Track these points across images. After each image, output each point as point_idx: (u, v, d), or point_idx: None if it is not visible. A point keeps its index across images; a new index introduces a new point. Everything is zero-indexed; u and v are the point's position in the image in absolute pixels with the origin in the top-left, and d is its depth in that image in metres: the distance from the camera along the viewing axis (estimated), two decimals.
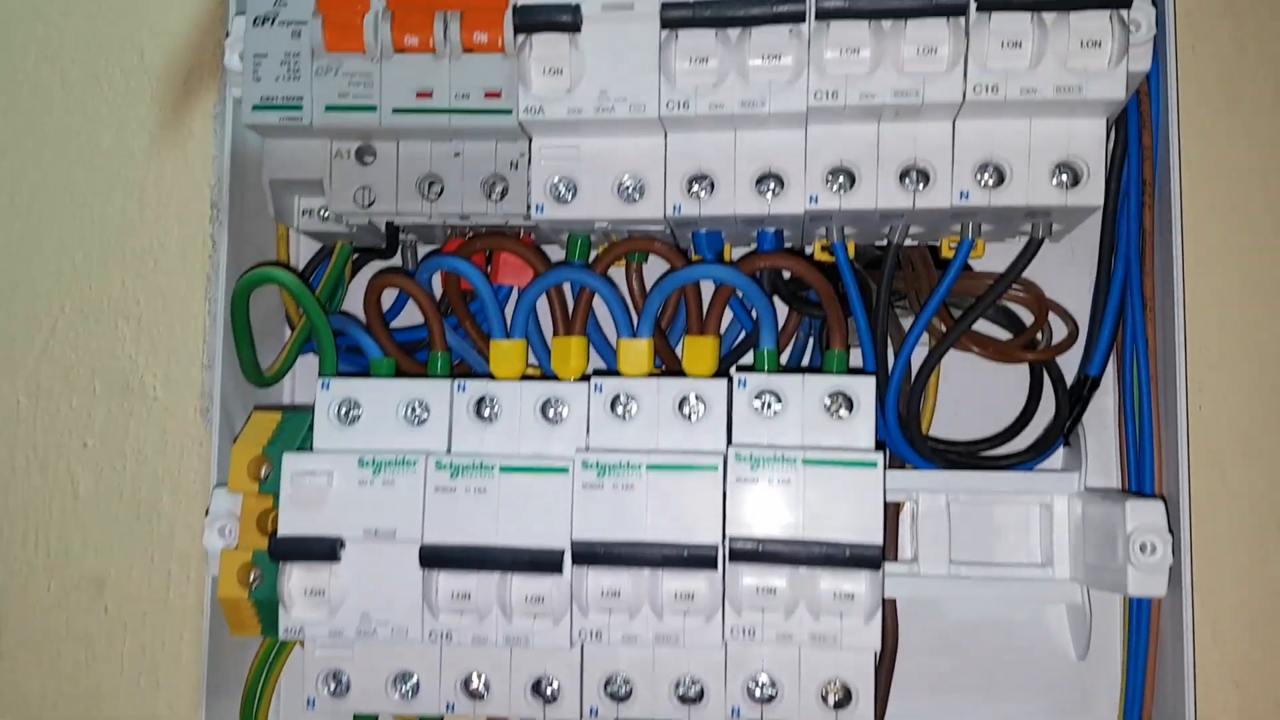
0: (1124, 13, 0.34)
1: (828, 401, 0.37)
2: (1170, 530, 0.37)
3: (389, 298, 0.44)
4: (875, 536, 0.35)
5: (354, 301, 0.46)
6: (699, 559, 0.35)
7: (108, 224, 0.49)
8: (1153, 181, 0.39)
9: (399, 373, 0.41)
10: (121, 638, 0.46)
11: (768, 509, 0.36)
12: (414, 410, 0.38)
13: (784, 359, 0.42)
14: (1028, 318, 0.43)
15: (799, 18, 0.35)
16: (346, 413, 0.38)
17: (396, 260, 0.45)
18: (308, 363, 0.44)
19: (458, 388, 0.38)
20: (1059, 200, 0.36)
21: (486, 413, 0.38)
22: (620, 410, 0.37)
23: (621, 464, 0.36)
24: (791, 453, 0.36)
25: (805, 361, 0.43)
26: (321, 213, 0.42)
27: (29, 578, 0.47)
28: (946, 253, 0.40)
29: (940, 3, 0.34)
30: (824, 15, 0.35)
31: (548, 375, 0.40)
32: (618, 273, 0.43)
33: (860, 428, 0.37)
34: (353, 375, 0.40)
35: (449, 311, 0.43)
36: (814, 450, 0.36)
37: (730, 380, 0.37)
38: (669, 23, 0.36)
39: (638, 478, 0.36)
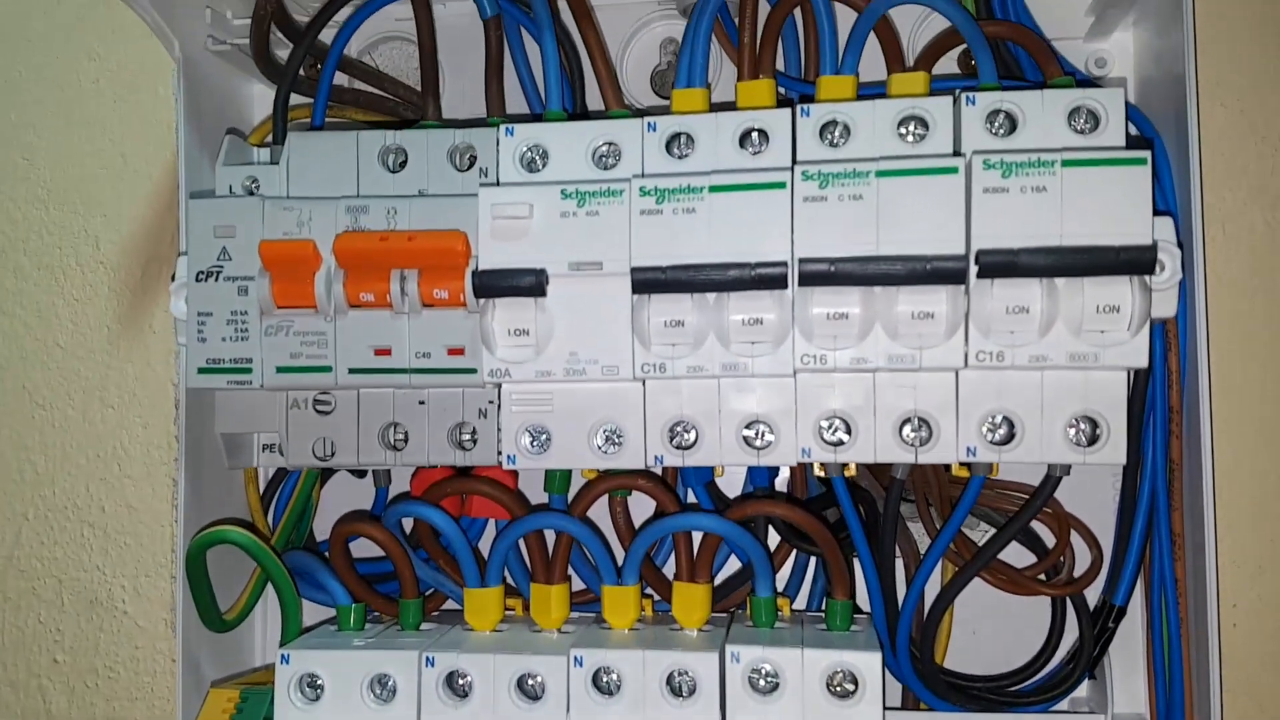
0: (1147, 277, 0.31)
1: (828, 681, 0.34)
2: None
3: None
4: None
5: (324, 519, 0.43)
6: None
7: (69, 426, 0.47)
8: (1180, 409, 0.36)
9: (366, 616, 0.38)
10: None
11: None
12: (377, 688, 0.35)
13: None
14: (1048, 534, 0.40)
15: (781, 283, 0.32)
16: (311, 684, 0.36)
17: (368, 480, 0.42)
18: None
19: (426, 662, 0.35)
20: (1076, 459, 0.33)
21: (458, 686, 0.35)
22: (603, 684, 0.35)
23: None
24: None
25: (806, 587, 0.40)
26: (276, 451, 0.39)
27: None
28: (957, 471, 0.37)
29: (936, 269, 0.31)
30: (807, 281, 0.32)
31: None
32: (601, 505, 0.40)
33: (866, 712, 0.34)
34: (317, 628, 0.37)
35: (419, 545, 0.40)
36: None
37: (723, 657, 0.34)
38: (640, 286, 0.32)
39: None
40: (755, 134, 0.34)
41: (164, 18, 0.38)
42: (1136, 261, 0.30)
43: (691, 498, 0.40)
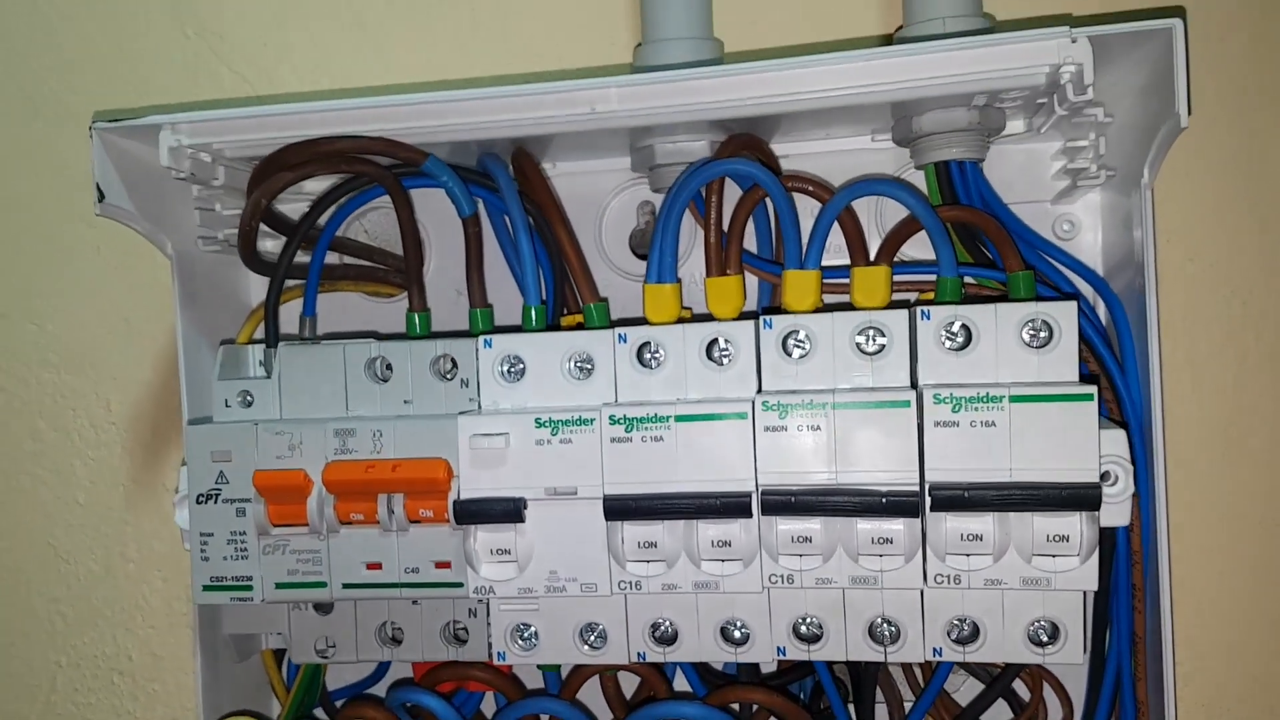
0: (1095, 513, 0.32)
1: None
2: None
3: None
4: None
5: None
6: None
7: (93, 581, 0.49)
8: (1143, 587, 0.37)
9: None
10: None
11: None
12: None
13: None
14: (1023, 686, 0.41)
15: (745, 512, 0.33)
16: None
17: None
18: None
19: None
20: (1035, 659, 0.34)
21: None
22: None
23: None
24: None
25: None
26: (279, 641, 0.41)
27: None
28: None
29: (891, 503, 0.32)
30: (770, 511, 0.33)
31: None
32: None
33: None
34: None
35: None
36: None
37: None
38: (612, 513, 0.34)
39: None
40: (723, 344, 0.35)
41: (154, 225, 0.40)
42: (1081, 499, 0.31)
43: (680, 675, 0.41)
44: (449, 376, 0.37)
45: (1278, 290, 0.42)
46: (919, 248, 0.39)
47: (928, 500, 0.32)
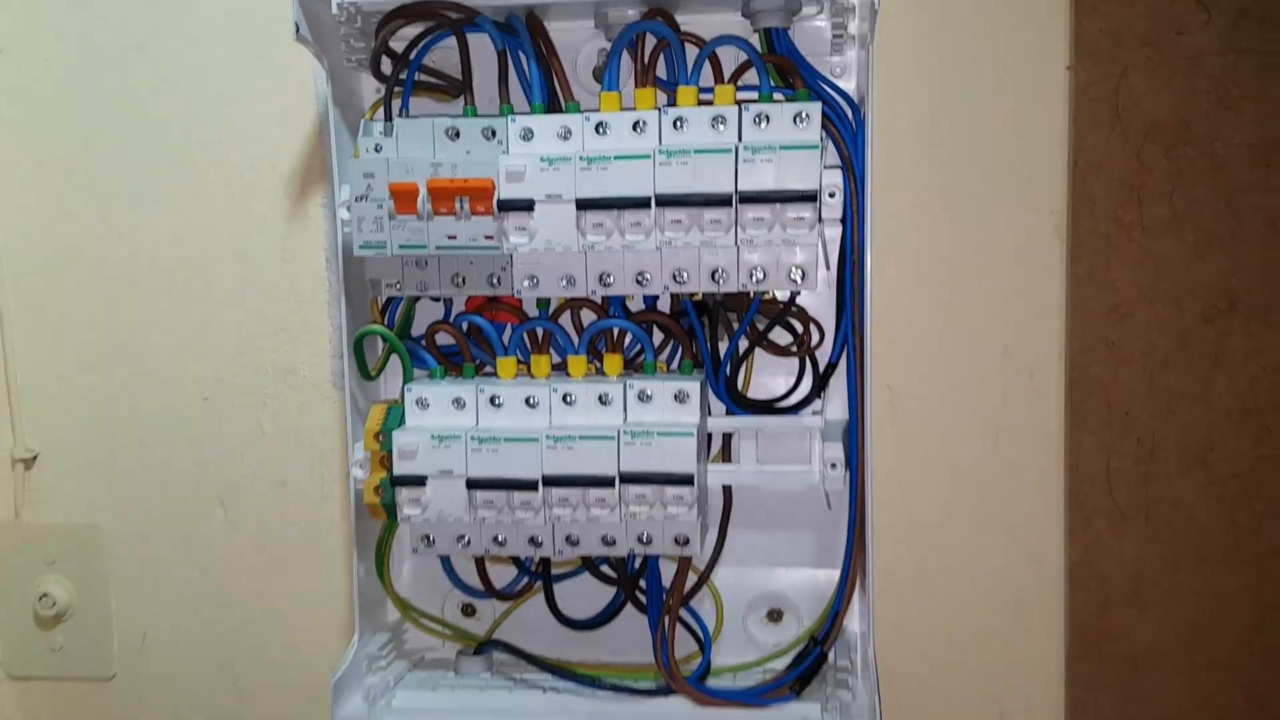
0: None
1: (675, 394, 0.70)
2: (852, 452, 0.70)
3: None
4: None
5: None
6: None
7: (268, 273, 0.81)
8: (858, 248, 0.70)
9: (445, 374, 0.74)
10: (306, 516, 0.82)
11: None
12: (455, 404, 0.71)
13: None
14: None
15: (647, 204, 0.66)
16: (419, 401, 0.71)
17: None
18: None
19: (480, 389, 0.71)
20: (795, 287, 0.68)
21: (495, 402, 0.71)
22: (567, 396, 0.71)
23: None
24: None
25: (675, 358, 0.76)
26: (397, 286, 0.73)
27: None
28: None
29: (717, 198, 0.64)
30: (661, 204, 0.65)
31: None
32: None
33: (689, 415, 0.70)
34: (426, 379, 0.73)
35: (471, 336, 0.75)
36: None
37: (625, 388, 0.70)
38: (581, 205, 0.66)
39: None
40: (641, 123, 0.67)
41: (320, 48, 0.70)
42: (807, 195, 0.64)
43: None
44: (490, 138, 0.69)
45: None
46: (754, 78, 0.70)
47: (736, 198, 0.65)
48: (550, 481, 0.69)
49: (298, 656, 0.83)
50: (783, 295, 0.73)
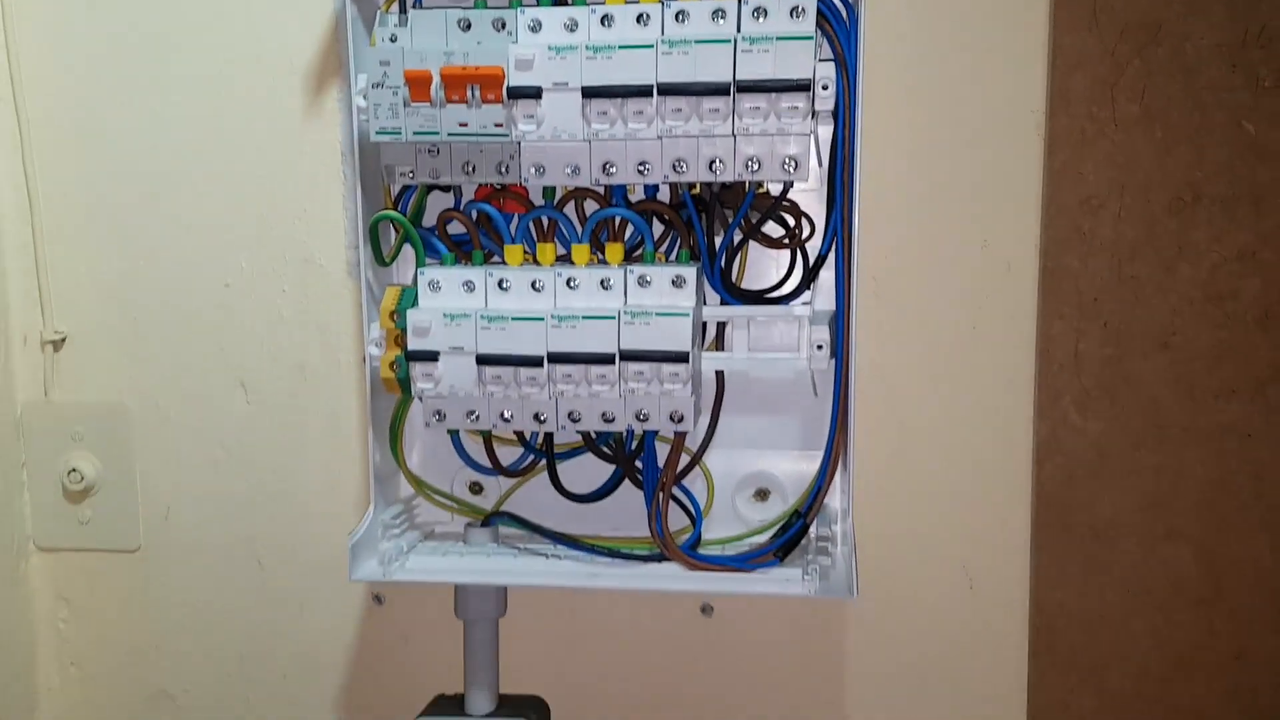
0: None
1: (673, 280, 0.74)
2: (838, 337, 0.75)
3: None
4: None
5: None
6: None
7: (286, 164, 0.85)
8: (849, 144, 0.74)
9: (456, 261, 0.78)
10: (322, 398, 0.87)
11: None
12: (464, 287, 0.75)
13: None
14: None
15: (649, 93, 0.69)
16: (431, 284, 0.76)
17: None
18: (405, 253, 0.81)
19: (488, 275, 0.75)
20: (788, 178, 0.72)
21: (504, 285, 0.76)
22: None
23: None
24: None
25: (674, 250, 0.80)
26: (410, 174, 0.77)
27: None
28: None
29: (716, 87, 0.68)
30: (663, 92, 0.69)
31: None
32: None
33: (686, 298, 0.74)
34: (435, 262, 0.77)
35: (481, 224, 0.79)
36: None
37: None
38: (587, 93, 0.70)
39: None
40: (644, 16, 0.71)
41: None
42: (800, 85, 0.68)
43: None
44: (500, 29, 0.72)
45: None
46: None
47: (734, 87, 0.69)
48: (555, 358, 0.73)
49: (315, 530, 0.88)
50: (776, 189, 0.77)
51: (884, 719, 0.83)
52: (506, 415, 0.76)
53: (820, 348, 0.75)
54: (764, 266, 0.81)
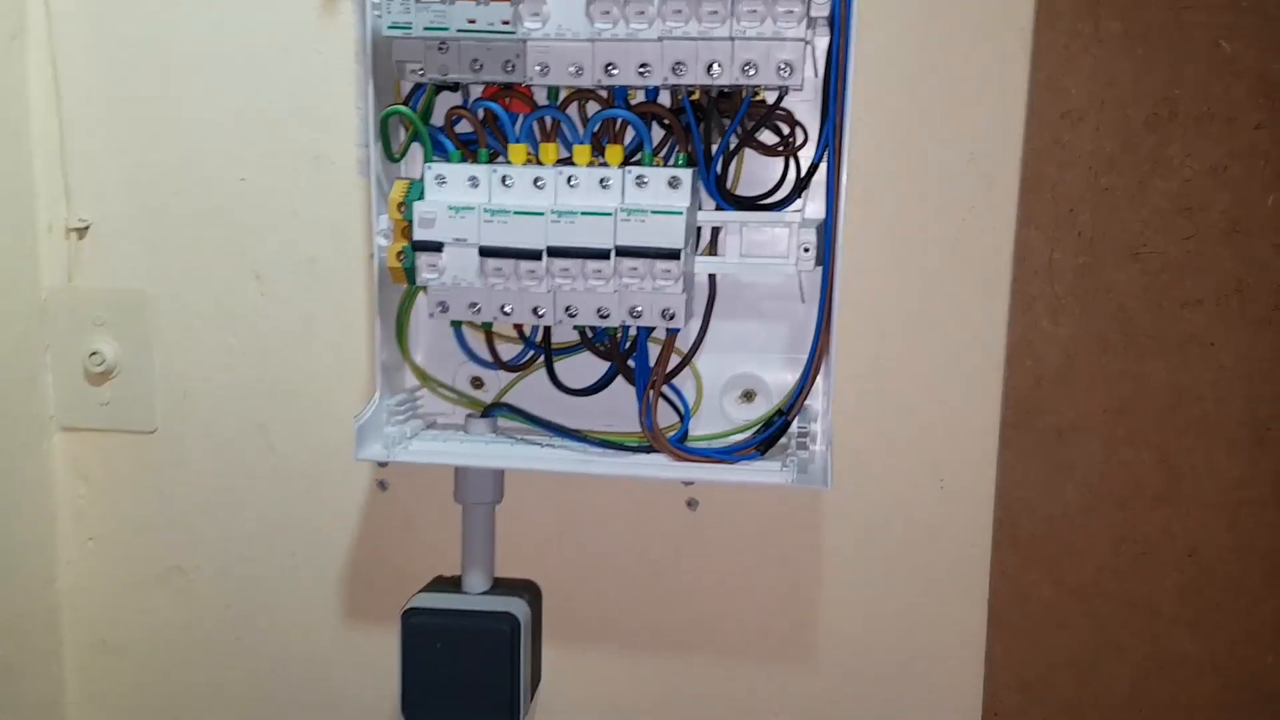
0: None
1: (669, 182, 0.78)
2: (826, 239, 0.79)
3: None
4: None
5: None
6: None
7: (302, 61, 0.88)
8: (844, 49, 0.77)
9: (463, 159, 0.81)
10: (332, 291, 0.91)
11: None
12: (468, 182, 0.79)
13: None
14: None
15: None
16: (438, 178, 0.79)
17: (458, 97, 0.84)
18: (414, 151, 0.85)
19: (494, 170, 0.79)
20: (782, 82, 0.75)
21: (507, 182, 0.79)
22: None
23: None
24: None
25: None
26: (420, 73, 0.81)
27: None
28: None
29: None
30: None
31: None
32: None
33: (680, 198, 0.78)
34: (442, 160, 0.81)
35: (487, 124, 0.83)
36: None
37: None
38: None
39: None
40: None
41: None
42: None
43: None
44: None
45: None
46: None
47: None
48: (553, 252, 0.77)
49: (324, 418, 0.93)
50: (772, 99, 0.81)
51: (856, 606, 0.88)
52: (507, 309, 0.80)
53: (806, 250, 0.79)
54: (760, 176, 0.84)
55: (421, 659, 0.86)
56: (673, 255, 0.76)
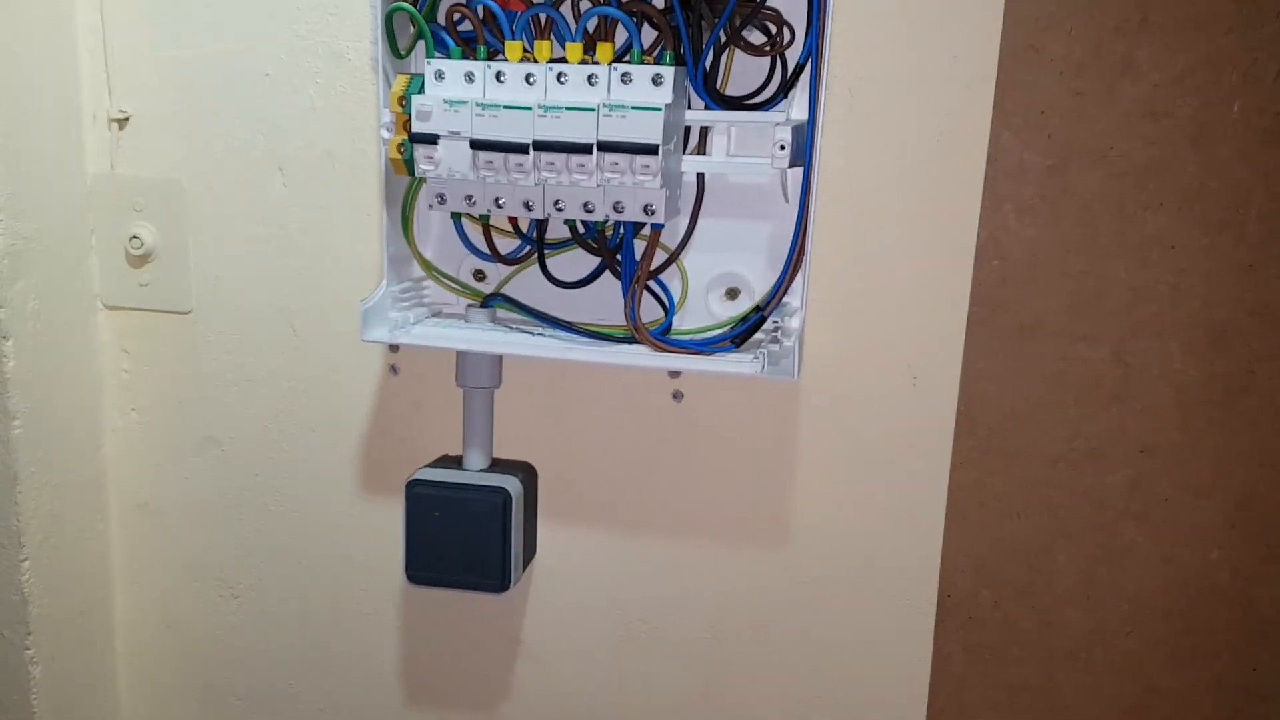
0: None
1: (653, 79, 0.81)
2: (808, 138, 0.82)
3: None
4: None
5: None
6: None
7: (323, 19, 0.93)
8: None
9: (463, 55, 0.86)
10: (348, 183, 0.97)
11: None
12: (467, 79, 0.84)
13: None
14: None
15: None
16: (437, 73, 0.84)
17: None
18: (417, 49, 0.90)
19: (488, 68, 0.83)
20: None
21: (501, 78, 0.84)
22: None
23: None
24: None
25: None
26: None
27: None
28: None
29: None
30: None
31: None
32: None
33: (662, 94, 0.81)
34: (443, 56, 0.86)
35: (486, 23, 0.87)
36: None
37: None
38: None
39: None
40: None
41: None
42: None
43: None
44: None
45: None
46: None
47: None
48: (539, 146, 0.82)
49: (342, 303, 1.00)
50: None
51: (826, 490, 0.93)
52: (500, 201, 0.86)
53: (782, 148, 0.82)
54: (752, 77, 0.87)
55: (423, 525, 0.94)
56: (650, 150, 0.80)
